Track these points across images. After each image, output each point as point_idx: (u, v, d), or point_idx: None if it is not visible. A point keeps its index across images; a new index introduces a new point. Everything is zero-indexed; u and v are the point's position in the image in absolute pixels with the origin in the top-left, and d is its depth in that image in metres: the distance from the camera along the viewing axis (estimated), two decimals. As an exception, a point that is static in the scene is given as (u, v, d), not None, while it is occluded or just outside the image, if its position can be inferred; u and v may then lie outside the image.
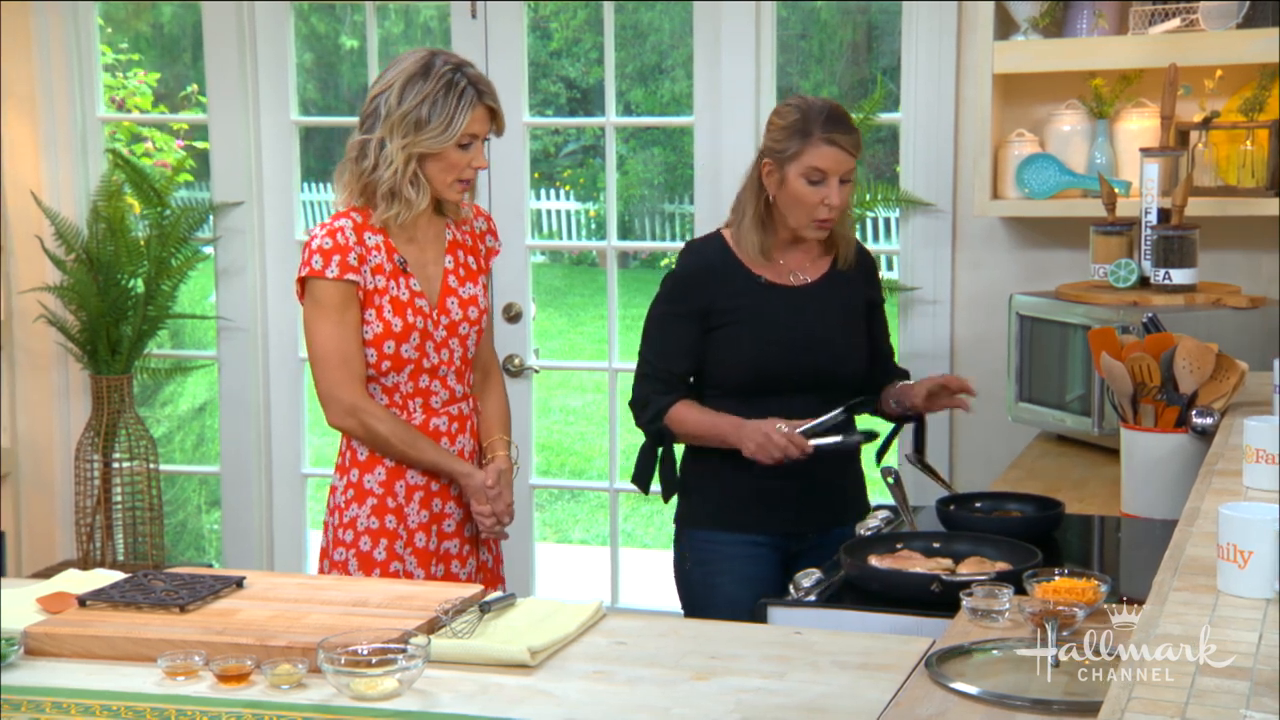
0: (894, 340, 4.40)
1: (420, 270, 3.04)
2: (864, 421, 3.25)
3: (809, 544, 3.13)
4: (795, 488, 3.10)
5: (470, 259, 3.13)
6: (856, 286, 3.23)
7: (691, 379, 3.18)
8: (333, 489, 3.09)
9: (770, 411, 3.06)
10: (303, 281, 3.00)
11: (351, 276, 2.95)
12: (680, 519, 3.25)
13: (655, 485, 3.26)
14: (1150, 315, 3.26)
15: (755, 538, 3.15)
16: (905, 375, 3.33)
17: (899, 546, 2.74)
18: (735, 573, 3.13)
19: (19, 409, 4.93)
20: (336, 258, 2.94)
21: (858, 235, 3.44)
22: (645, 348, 3.20)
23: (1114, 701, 1.41)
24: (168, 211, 4.69)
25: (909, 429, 3.36)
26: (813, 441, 3.00)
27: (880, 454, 3.30)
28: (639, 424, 3.21)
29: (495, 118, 3.00)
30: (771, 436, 2.98)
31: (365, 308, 2.97)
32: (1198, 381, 2.91)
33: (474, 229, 3.16)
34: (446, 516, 3.09)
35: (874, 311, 3.29)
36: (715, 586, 3.14)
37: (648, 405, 3.16)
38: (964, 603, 2.30)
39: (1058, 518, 2.97)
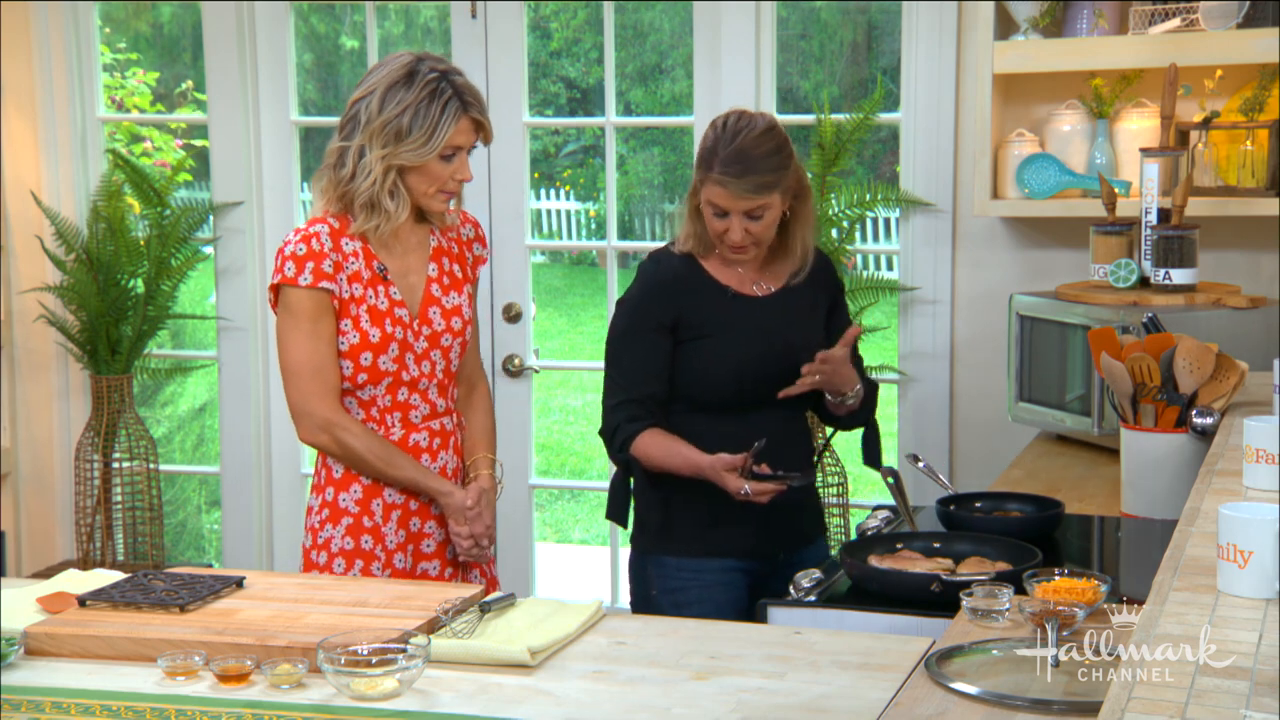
0: (894, 340, 4.42)
1: (401, 279, 2.90)
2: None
3: (779, 564, 3.01)
4: (763, 509, 2.91)
5: (455, 267, 2.99)
6: (816, 291, 3.10)
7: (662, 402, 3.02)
8: (309, 509, 2.97)
9: (741, 426, 2.95)
10: (275, 289, 2.86)
11: (326, 284, 2.81)
12: (640, 546, 3.09)
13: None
14: (1150, 315, 3.26)
15: (726, 562, 3.01)
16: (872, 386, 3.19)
17: (899, 546, 2.74)
18: (707, 600, 2.98)
19: (19, 409, 4.93)
20: (310, 264, 2.81)
21: (858, 236, 3.38)
22: (614, 371, 3.03)
23: (1114, 701, 1.41)
24: (168, 211, 4.69)
25: (858, 436, 3.21)
26: (749, 486, 2.83)
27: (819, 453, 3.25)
28: (610, 455, 3.05)
29: (481, 128, 2.86)
30: (731, 491, 2.84)
31: (341, 317, 2.84)
32: (1198, 381, 2.91)
33: (460, 235, 3.02)
34: (425, 536, 2.96)
35: (834, 312, 3.15)
36: (686, 617, 2.90)
37: (616, 433, 2.99)
38: (964, 603, 2.30)
39: (1058, 518, 2.97)
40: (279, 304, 2.86)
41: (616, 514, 3.12)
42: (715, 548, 3.01)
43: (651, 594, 3.06)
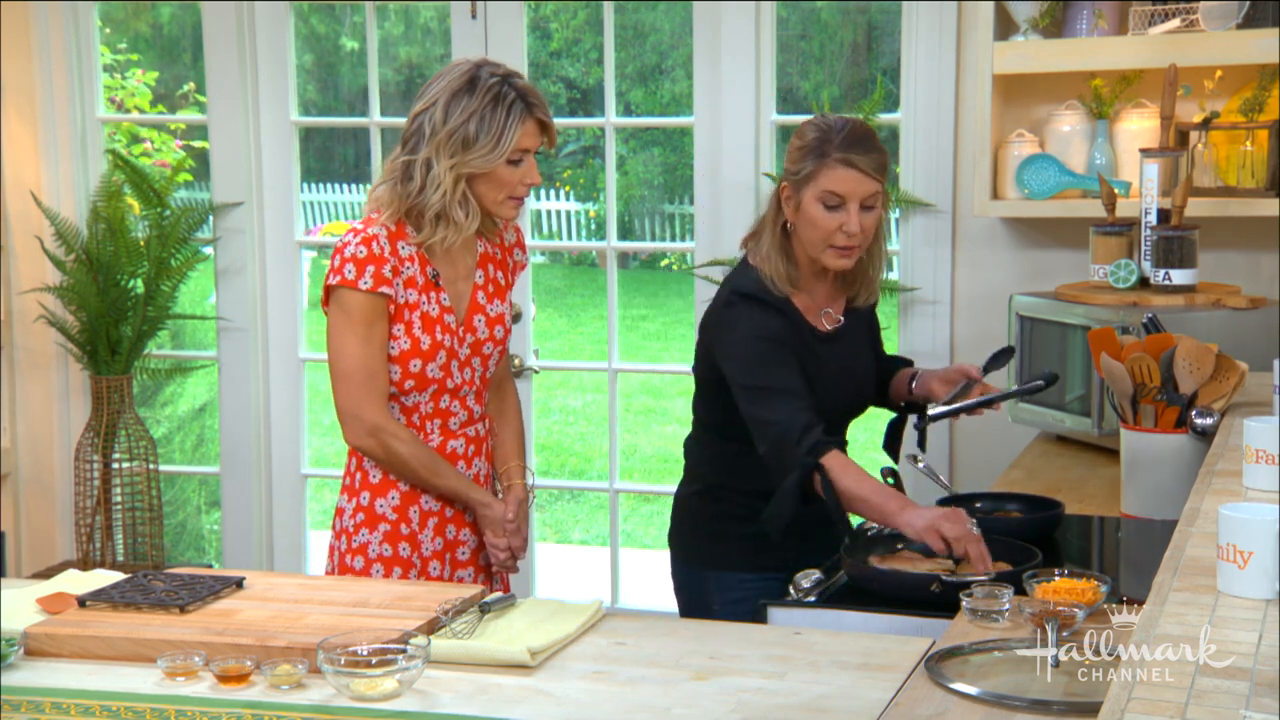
0: (894, 340, 4.42)
1: (451, 285, 2.89)
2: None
3: None
4: (813, 526, 2.80)
5: (499, 274, 2.98)
6: (865, 310, 3.12)
7: None
8: (339, 511, 2.94)
9: None
10: (328, 289, 2.82)
11: (385, 289, 2.78)
12: (698, 562, 3.05)
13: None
14: (1150, 315, 3.26)
15: (769, 575, 2.95)
16: (908, 362, 3.24)
17: (899, 547, 2.73)
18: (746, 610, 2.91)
19: (19, 409, 4.93)
20: (371, 268, 2.77)
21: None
22: (773, 384, 2.82)
23: (1114, 701, 1.41)
24: (167, 212, 4.69)
25: (870, 430, 3.19)
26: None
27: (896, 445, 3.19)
28: (788, 456, 2.77)
29: (546, 130, 2.84)
30: (960, 518, 2.61)
31: (394, 322, 2.82)
32: (1198, 382, 2.91)
33: (504, 242, 3.00)
34: (461, 544, 2.96)
35: (872, 316, 3.17)
36: None
37: (805, 434, 2.75)
38: (964, 603, 2.30)
39: (1058, 518, 2.97)
40: (332, 304, 2.82)
41: (779, 521, 2.82)
42: (783, 561, 2.89)
43: (714, 609, 3.00)
